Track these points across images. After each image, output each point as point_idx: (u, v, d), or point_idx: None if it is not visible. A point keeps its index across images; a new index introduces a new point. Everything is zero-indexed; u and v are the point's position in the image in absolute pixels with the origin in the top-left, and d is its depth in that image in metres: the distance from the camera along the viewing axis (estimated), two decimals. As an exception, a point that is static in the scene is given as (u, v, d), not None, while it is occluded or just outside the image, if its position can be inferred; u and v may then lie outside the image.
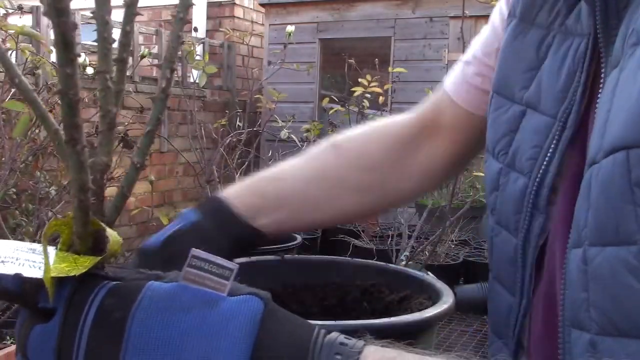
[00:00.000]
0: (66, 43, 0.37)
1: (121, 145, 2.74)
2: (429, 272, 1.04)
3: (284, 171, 0.79)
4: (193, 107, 3.57)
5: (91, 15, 0.42)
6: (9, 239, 2.38)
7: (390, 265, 1.10)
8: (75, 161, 0.40)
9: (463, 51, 3.25)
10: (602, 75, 0.51)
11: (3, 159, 2.33)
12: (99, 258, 0.42)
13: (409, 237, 3.25)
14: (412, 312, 0.91)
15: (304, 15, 5.64)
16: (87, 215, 0.42)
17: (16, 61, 3.03)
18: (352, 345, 0.40)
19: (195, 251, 0.41)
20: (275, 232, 0.76)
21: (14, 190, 2.75)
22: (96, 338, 0.40)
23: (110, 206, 0.46)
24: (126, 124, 3.46)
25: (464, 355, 0.39)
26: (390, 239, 3.33)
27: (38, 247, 0.45)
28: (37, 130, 2.63)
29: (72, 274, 0.41)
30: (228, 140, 3.18)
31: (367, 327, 0.81)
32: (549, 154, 0.58)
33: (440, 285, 0.98)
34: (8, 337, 2.06)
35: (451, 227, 3.85)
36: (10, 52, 2.65)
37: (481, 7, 3.63)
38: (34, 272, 0.42)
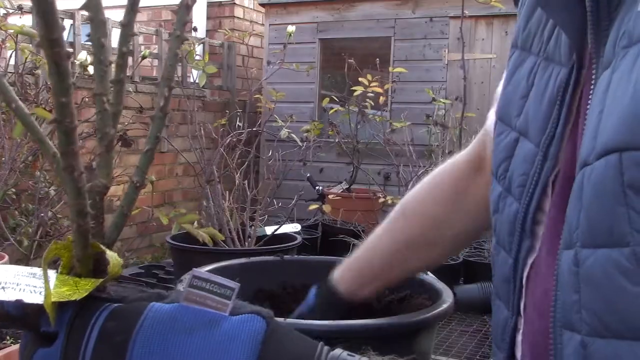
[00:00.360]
0: (60, 73, 0.37)
1: (120, 144, 2.74)
2: (429, 272, 1.04)
3: (369, 249, 0.93)
4: (193, 107, 3.57)
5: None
6: (9, 239, 2.38)
7: (390, 265, 1.10)
8: (73, 187, 0.40)
9: (463, 51, 3.24)
10: (593, 77, 0.52)
11: (3, 159, 2.33)
12: (100, 281, 0.42)
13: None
14: (412, 312, 0.91)
15: (304, 15, 5.64)
16: (87, 239, 0.42)
17: (16, 61, 3.03)
18: None
19: (196, 271, 0.41)
20: (376, 293, 0.94)
21: (14, 190, 2.75)
22: None
23: (110, 225, 0.46)
24: (126, 123, 3.46)
25: None
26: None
27: (39, 271, 0.45)
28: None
29: (73, 298, 0.40)
30: (228, 140, 3.18)
31: (369, 327, 0.81)
32: (533, 183, 0.60)
33: (440, 285, 0.98)
34: (8, 337, 2.06)
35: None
36: (10, 52, 2.65)
37: (481, 7, 3.63)
38: (35, 297, 0.42)
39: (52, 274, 0.43)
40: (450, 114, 4.22)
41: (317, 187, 4.34)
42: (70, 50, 4.03)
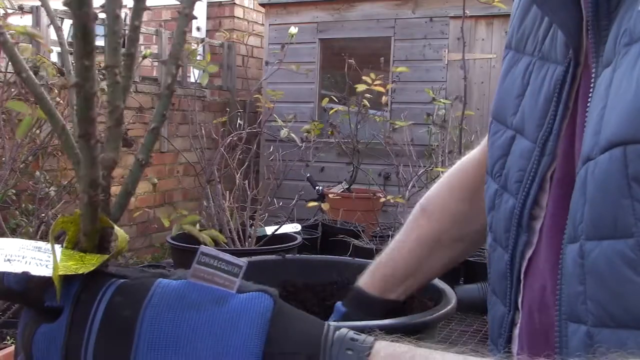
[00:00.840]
0: (86, 34, 0.36)
1: (121, 144, 2.73)
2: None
3: (393, 251, 0.91)
4: (193, 107, 3.57)
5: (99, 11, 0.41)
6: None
7: (391, 265, 1.10)
8: (88, 156, 0.39)
9: (464, 51, 3.24)
10: (593, 75, 0.53)
11: (3, 159, 2.33)
12: (107, 256, 0.42)
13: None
14: (414, 312, 0.91)
15: (304, 15, 5.64)
16: (96, 211, 0.41)
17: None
18: (362, 341, 0.40)
19: (204, 248, 0.41)
20: (406, 296, 0.90)
21: (14, 190, 2.75)
22: (105, 336, 0.39)
23: (114, 204, 0.45)
24: (126, 123, 3.45)
25: (474, 349, 0.39)
26: (390, 239, 3.31)
27: (44, 245, 0.44)
28: (37, 131, 2.63)
29: (80, 272, 0.40)
30: (228, 140, 3.18)
31: (370, 327, 0.81)
32: (530, 178, 0.61)
33: (442, 285, 0.98)
34: (8, 338, 2.06)
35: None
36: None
37: (481, 7, 3.63)
38: (41, 270, 0.41)
39: (57, 248, 0.42)
40: (450, 114, 4.22)
41: (317, 187, 4.34)
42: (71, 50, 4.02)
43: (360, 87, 3.74)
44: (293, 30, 3.44)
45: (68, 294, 0.41)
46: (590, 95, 0.52)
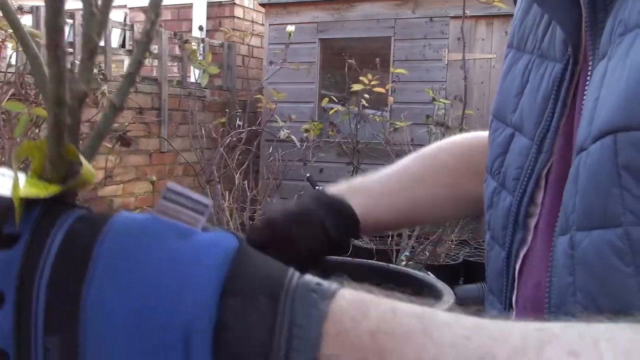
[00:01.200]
0: None
1: (119, 143, 2.74)
2: (429, 272, 1.04)
3: (372, 174, 0.91)
4: (194, 107, 3.57)
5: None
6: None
7: (391, 265, 1.10)
8: (55, 69, 0.38)
9: (464, 51, 3.25)
10: (590, 69, 0.53)
11: (3, 159, 2.33)
12: (71, 184, 0.40)
13: (409, 237, 3.26)
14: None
15: (304, 15, 5.64)
16: (62, 134, 0.39)
17: (16, 62, 3.03)
18: (328, 286, 0.40)
19: (170, 184, 0.40)
20: (363, 216, 0.83)
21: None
22: (62, 262, 0.38)
23: (85, 147, 0.43)
24: (126, 124, 3.46)
25: (450, 309, 0.38)
26: (390, 238, 3.34)
27: (8, 171, 0.42)
28: (37, 131, 2.63)
29: (42, 196, 0.39)
30: (228, 140, 3.18)
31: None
32: (527, 176, 0.61)
33: (440, 285, 0.98)
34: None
35: (451, 227, 3.85)
36: (11, 52, 2.65)
37: (481, 7, 3.63)
38: (3, 191, 0.40)
39: (21, 177, 0.40)
40: (450, 114, 4.22)
41: (317, 187, 4.34)
42: (70, 50, 4.02)
43: (357, 87, 3.75)
44: (290, 28, 3.45)
45: (28, 219, 0.39)
46: (586, 90, 0.53)
